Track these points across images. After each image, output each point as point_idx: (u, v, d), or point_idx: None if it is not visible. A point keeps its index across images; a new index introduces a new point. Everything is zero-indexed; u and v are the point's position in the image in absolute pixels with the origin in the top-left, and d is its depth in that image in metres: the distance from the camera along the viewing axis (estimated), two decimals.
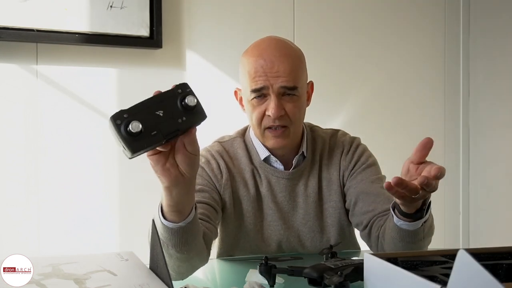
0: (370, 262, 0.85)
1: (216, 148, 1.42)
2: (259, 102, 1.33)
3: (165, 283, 0.82)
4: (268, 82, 1.30)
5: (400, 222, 1.16)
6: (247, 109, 1.37)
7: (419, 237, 1.18)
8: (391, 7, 2.72)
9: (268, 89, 1.31)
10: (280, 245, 1.41)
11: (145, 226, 1.06)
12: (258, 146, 1.41)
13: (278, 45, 1.35)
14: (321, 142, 1.46)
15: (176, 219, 1.02)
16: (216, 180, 1.37)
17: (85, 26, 2.08)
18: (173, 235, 1.03)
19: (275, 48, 1.34)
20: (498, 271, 0.86)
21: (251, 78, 1.32)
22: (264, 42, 1.37)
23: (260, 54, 1.33)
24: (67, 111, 2.12)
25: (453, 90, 2.86)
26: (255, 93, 1.32)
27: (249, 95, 1.34)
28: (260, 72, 1.31)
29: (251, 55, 1.34)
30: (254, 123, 1.36)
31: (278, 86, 1.31)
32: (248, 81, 1.33)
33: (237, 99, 1.45)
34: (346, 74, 2.63)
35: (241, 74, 1.38)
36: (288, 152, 1.41)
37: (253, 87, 1.32)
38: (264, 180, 1.40)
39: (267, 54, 1.32)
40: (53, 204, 2.09)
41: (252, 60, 1.33)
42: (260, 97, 1.32)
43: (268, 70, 1.30)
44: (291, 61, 1.33)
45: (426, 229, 1.19)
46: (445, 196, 2.84)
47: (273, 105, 1.30)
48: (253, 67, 1.32)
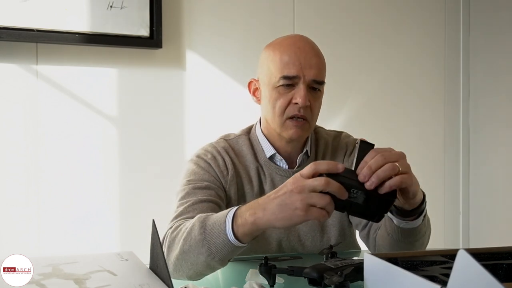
0: (370, 262, 0.85)
1: (222, 145, 1.42)
2: (286, 90, 1.33)
3: (165, 283, 0.82)
4: (301, 72, 1.31)
5: (403, 224, 1.16)
6: (268, 98, 1.36)
7: (422, 232, 1.19)
8: (391, 7, 2.72)
9: (299, 79, 1.31)
10: (280, 244, 1.41)
11: (145, 226, 1.06)
12: (264, 143, 1.41)
13: (309, 41, 1.37)
14: (323, 143, 1.47)
15: (247, 242, 1.06)
16: (222, 176, 1.37)
17: (85, 26, 2.08)
18: (233, 252, 1.07)
19: (308, 42, 1.35)
20: (498, 271, 0.86)
21: (284, 64, 1.31)
22: (294, 36, 1.39)
23: (293, 43, 1.33)
24: (67, 111, 2.12)
25: (453, 90, 2.86)
26: (285, 80, 1.32)
27: (276, 82, 1.33)
28: (294, 60, 1.31)
29: (283, 44, 1.34)
30: (276, 112, 1.34)
31: (310, 78, 1.32)
32: (279, 67, 1.32)
33: (250, 90, 1.44)
34: (346, 74, 2.63)
35: (267, 62, 1.36)
36: (294, 150, 1.41)
37: (286, 73, 1.31)
38: (268, 178, 1.40)
39: (302, 44, 1.33)
40: (53, 204, 2.09)
41: (285, 49, 1.33)
42: (288, 86, 1.32)
43: (302, 59, 1.31)
44: (321, 57, 1.36)
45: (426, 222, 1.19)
46: (445, 196, 2.84)
47: (302, 94, 1.30)
48: (287, 55, 1.32)
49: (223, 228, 1.05)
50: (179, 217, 1.25)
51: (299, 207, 0.96)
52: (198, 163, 1.38)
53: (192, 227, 1.11)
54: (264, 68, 1.37)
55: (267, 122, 1.40)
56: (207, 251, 1.07)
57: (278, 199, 0.99)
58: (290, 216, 0.98)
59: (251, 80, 1.44)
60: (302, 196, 0.96)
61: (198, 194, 1.30)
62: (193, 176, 1.35)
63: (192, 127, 2.30)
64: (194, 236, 1.09)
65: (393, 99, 2.74)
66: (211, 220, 1.09)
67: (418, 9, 2.78)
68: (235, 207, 1.07)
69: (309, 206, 0.96)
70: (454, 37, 2.86)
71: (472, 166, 2.87)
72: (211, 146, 1.42)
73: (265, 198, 1.02)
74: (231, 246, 1.06)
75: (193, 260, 1.09)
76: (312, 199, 0.96)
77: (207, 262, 1.08)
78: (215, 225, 1.07)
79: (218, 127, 1.58)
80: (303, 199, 0.96)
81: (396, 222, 1.17)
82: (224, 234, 1.05)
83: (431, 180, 2.78)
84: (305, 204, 0.96)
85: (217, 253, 1.06)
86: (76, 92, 2.14)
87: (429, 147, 2.81)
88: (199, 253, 1.08)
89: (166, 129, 2.28)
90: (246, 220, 1.02)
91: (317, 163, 0.97)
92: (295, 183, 0.97)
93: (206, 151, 1.41)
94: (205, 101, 2.33)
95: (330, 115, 2.57)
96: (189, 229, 1.11)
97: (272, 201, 1.00)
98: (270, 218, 1.00)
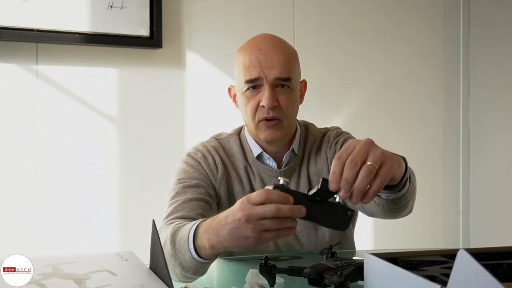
0: (370, 262, 0.85)
1: (213, 144, 1.43)
2: (252, 94, 1.34)
3: (165, 283, 0.82)
4: (263, 73, 1.31)
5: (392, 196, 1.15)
6: (240, 103, 1.38)
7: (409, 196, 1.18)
8: (391, 7, 2.72)
9: (262, 80, 1.32)
10: (276, 243, 1.42)
11: (145, 226, 1.06)
12: (252, 143, 1.42)
13: (273, 39, 1.37)
14: (312, 140, 1.47)
15: (212, 259, 1.07)
16: (211, 174, 1.38)
17: (85, 26, 2.08)
18: (204, 266, 1.08)
19: (270, 41, 1.35)
20: (498, 271, 0.86)
21: (246, 69, 1.33)
22: (259, 36, 1.38)
23: (255, 46, 1.34)
24: (67, 111, 2.12)
25: (453, 90, 2.86)
26: (249, 84, 1.33)
27: (243, 87, 1.34)
28: (255, 63, 1.32)
29: (246, 48, 1.36)
30: (248, 116, 1.36)
31: (273, 77, 1.31)
32: (242, 73, 1.34)
33: (231, 96, 1.45)
34: (346, 74, 2.63)
35: (236, 68, 1.38)
36: (281, 148, 1.41)
37: (248, 77, 1.32)
38: (257, 177, 1.41)
39: (262, 45, 1.33)
40: (53, 204, 2.09)
41: (247, 53, 1.34)
42: (254, 89, 1.33)
43: (262, 60, 1.31)
44: (285, 54, 1.34)
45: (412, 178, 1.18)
46: (445, 196, 2.84)
47: (267, 95, 1.31)
48: (248, 58, 1.33)
49: (187, 247, 1.06)
50: (169, 216, 1.26)
51: (250, 235, 0.92)
52: (188, 162, 1.39)
53: (166, 239, 1.12)
54: (235, 75, 1.40)
55: (246, 123, 1.42)
56: (180, 265, 1.09)
57: (228, 226, 0.94)
58: (244, 244, 0.95)
59: (229, 86, 1.45)
60: (252, 225, 0.91)
61: (188, 192, 1.31)
62: (183, 174, 1.36)
63: (192, 127, 2.30)
64: (167, 249, 1.11)
65: (393, 100, 2.73)
66: (179, 235, 1.10)
67: (418, 10, 2.78)
68: (198, 221, 1.07)
69: (261, 232, 0.92)
70: (454, 37, 2.86)
71: (472, 166, 2.87)
72: (202, 145, 1.43)
73: (217, 223, 0.98)
74: (198, 263, 1.07)
75: (173, 269, 1.11)
76: (263, 226, 0.91)
77: (183, 274, 1.10)
78: (182, 241, 1.08)
79: (218, 127, 1.58)
80: (253, 228, 0.91)
81: (385, 196, 1.17)
82: (189, 252, 1.06)
83: (431, 180, 2.78)
84: (256, 232, 0.92)
85: (189, 268, 1.08)
86: (76, 92, 2.14)
87: (429, 147, 2.81)
88: (174, 266, 1.10)
89: (166, 129, 2.28)
90: (204, 244, 1.03)
91: (268, 192, 0.91)
92: (243, 210, 0.92)
93: (196, 150, 1.42)
94: (205, 101, 2.33)
95: (331, 113, 2.57)
96: (164, 241, 1.13)
97: (224, 228, 0.96)
98: (224, 244, 0.98)
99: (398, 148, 1.06)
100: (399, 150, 1.10)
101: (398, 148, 1.06)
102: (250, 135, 1.43)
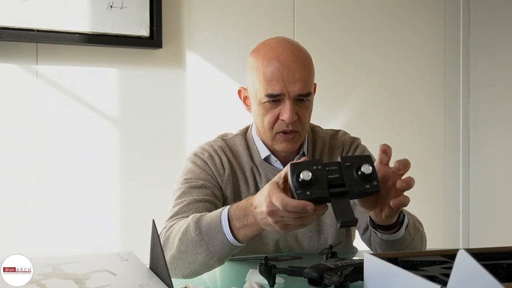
0: (370, 262, 0.85)
1: (219, 144, 1.42)
2: (272, 106, 1.32)
3: (165, 283, 0.82)
4: (285, 89, 1.29)
5: (385, 236, 1.17)
6: (256, 110, 1.35)
7: (408, 241, 1.19)
8: (391, 7, 2.72)
9: (284, 96, 1.30)
10: (277, 245, 1.41)
11: (145, 226, 1.06)
12: (259, 145, 1.41)
13: (293, 50, 1.32)
14: (321, 142, 1.46)
15: (245, 242, 1.10)
16: (218, 175, 1.37)
17: (85, 26, 2.08)
18: (231, 251, 1.10)
19: (292, 53, 1.31)
20: (498, 271, 0.86)
21: (267, 82, 1.29)
22: (279, 45, 1.33)
23: (276, 57, 1.30)
24: (67, 111, 2.12)
25: (453, 90, 2.86)
26: (270, 98, 1.30)
27: (262, 98, 1.32)
28: (278, 77, 1.28)
29: (266, 58, 1.31)
30: (265, 126, 1.34)
31: (295, 94, 1.30)
32: (263, 84, 1.30)
33: (241, 98, 1.43)
34: (346, 74, 2.63)
35: (252, 75, 1.34)
36: (290, 152, 1.41)
37: (270, 91, 1.29)
38: (263, 179, 1.40)
39: (284, 58, 1.29)
40: (53, 204, 2.09)
41: (267, 64, 1.30)
42: (274, 101, 1.31)
43: (285, 75, 1.28)
44: (306, 67, 1.31)
45: (412, 231, 1.19)
46: (445, 196, 2.84)
47: (288, 111, 1.29)
48: (269, 71, 1.29)
49: (220, 229, 1.07)
50: (174, 217, 1.26)
51: (276, 226, 1.00)
52: (195, 162, 1.38)
53: (187, 227, 1.12)
54: (250, 79, 1.36)
55: (259, 130, 1.40)
56: (206, 251, 1.09)
57: (257, 214, 1.02)
58: (273, 229, 1.02)
59: (240, 88, 1.43)
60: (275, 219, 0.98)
61: (194, 193, 1.30)
62: (190, 174, 1.36)
63: (192, 127, 2.30)
64: (190, 236, 1.10)
65: (393, 100, 2.73)
66: (206, 221, 1.11)
67: (419, 9, 2.78)
68: (227, 207, 1.10)
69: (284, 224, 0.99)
70: (454, 37, 2.86)
71: (472, 166, 2.87)
72: (209, 144, 1.42)
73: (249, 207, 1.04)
74: (229, 246, 1.08)
75: (191, 259, 1.11)
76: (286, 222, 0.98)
77: (205, 261, 1.10)
78: (211, 225, 1.09)
79: (218, 127, 1.58)
80: (277, 222, 0.99)
81: (379, 234, 1.18)
82: (222, 235, 1.07)
83: (431, 180, 2.78)
84: (281, 225, 0.99)
85: (216, 253, 1.09)
86: (76, 92, 2.13)
87: (429, 147, 2.81)
88: (196, 253, 1.09)
89: (166, 129, 2.28)
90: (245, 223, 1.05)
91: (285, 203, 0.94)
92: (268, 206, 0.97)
93: (203, 149, 1.41)
94: (205, 101, 2.33)
95: (331, 114, 2.57)
96: (184, 229, 1.13)
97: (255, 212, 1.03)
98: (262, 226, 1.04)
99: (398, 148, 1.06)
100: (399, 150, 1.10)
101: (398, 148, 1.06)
102: (258, 137, 1.41)
